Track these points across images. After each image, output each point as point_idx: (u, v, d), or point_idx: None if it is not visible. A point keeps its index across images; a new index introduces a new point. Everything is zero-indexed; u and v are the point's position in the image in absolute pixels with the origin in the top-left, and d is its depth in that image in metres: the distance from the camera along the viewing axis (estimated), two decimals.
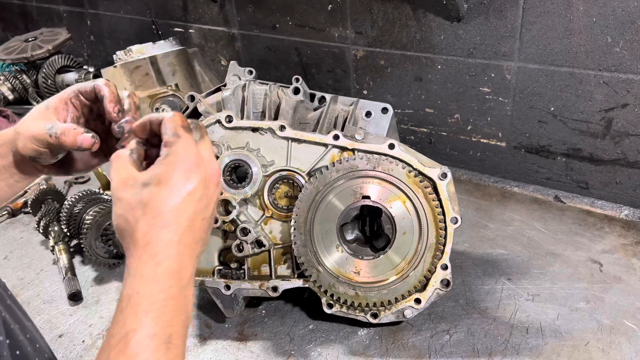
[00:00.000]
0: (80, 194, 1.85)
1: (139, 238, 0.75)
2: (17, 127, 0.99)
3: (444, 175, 1.32)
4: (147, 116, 0.86)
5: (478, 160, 2.18)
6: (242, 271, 1.44)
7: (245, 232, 1.36)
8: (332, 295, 1.37)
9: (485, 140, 2.12)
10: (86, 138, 0.93)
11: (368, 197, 1.33)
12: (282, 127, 1.36)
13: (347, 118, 1.44)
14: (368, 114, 1.48)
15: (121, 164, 0.81)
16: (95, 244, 1.72)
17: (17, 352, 0.74)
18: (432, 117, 2.21)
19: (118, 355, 0.68)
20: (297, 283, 1.41)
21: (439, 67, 2.09)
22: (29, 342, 0.80)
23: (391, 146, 1.32)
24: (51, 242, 1.81)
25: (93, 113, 1.04)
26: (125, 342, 0.68)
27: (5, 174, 1.02)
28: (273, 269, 1.43)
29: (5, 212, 2.13)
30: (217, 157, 1.37)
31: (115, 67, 2.48)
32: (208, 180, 0.80)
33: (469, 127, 2.13)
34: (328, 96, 1.53)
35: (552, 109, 1.89)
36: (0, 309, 0.69)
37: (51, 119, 0.95)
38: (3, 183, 1.02)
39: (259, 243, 1.38)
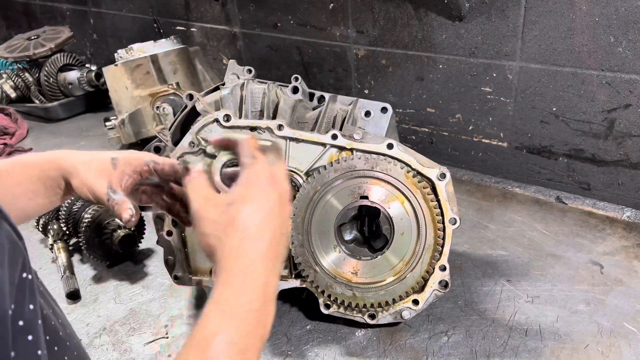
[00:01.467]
0: None
1: (232, 252, 0.80)
2: (76, 163, 1.03)
3: (443, 176, 1.30)
4: (227, 135, 0.95)
5: (479, 160, 2.16)
6: None
7: None
8: (329, 296, 1.37)
9: (486, 141, 2.11)
10: (126, 218, 1.00)
11: (366, 197, 1.32)
12: (280, 127, 1.36)
13: (345, 117, 1.43)
14: (367, 113, 1.47)
15: (199, 185, 0.87)
16: (94, 243, 1.72)
17: (47, 337, 0.75)
18: (434, 117, 2.20)
19: (196, 356, 0.71)
20: (295, 283, 1.40)
21: (441, 66, 2.08)
22: (61, 326, 0.81)
23: (390, 146, 1.31)
24: (50, 240, 1.81)
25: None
26: (205, 344, 0.72)
27: (50, 192, 1.06)
28: None
29: None
30: (215, 157, 1.37)
31: (116, 65, 2.48)
32: (283, 198, 0.86)
33: (470, 127, 2.12)
34: (327, 95, 1.52)
35: (554, 109, 1.88)
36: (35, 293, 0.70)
37: (115, 184, 1.02)
38: (46, 200, 1.06)
39: None
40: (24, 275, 0.65)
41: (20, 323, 0.63)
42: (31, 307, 0.65)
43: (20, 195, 1.02)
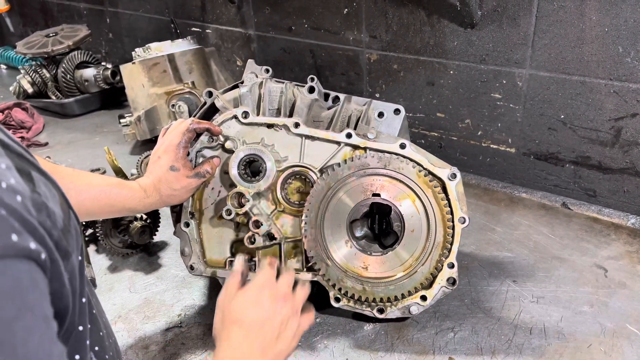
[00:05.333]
0: None
1: (225, 335, 1.01)
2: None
3: (454, 176, 1.35)
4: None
5: (487, 165, 2.20)
6: (252, 263, 1.48)
7: (258, 224, 1.40)
8: (340, 289, 1.41)
9: (495, 146, 2.15)
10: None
11: (378, 195, 1.36)
12: (297, 125, 1.40)
13: (360, 117, 1.47)
14: (380, 114, 1.52)
15: (231, 285, 1.10)
16: (110, 234, 1.77)
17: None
18: (443, 121, 2.24)
19: None
20: (307, 276, 1.44)
21: (452, 72, 2.12)
22: (95, 305, 0.86)
23: (402, 146, 1.36)
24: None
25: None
26: None
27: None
28: (283, 262, 1.46)
29: None
30: (233, 152, 1.42)
31: (133, 63, 2.54)
32: (276, 297, 1.09)
33: (479, 133, 2.16)
34: (342, 96, 1.57)
35: (562, 116, 1.92)
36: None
37: (184, 160, 1.39)
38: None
39: (270, 236, 1.42)
40: (79, 257, 0.70)
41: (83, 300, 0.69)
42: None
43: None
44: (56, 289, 0.58)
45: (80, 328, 0.70)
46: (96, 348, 0.79)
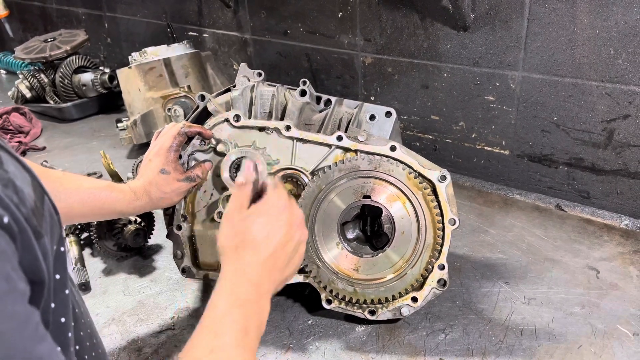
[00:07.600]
0: None
1: (236, 255, 0.96)
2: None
3: (443, 178, 1.35)
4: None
5: (482, 167, 2.21)
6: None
7: None
8: (331, 291, 1.41)
9: (489, 148, 2.16)
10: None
11: (369, 197, 1.37)
12: (288, 127, 1.41)
13: (351, 120, 1.48)
14: (372, 117, 1.53)
15: (242, 195, 1.01)
16: (105, 237, 1.78)
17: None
18: (438, 124, 2.25)
19: (207, 335, 0.84)
20: (298, 278, 1.45)
21: (445, 75, 2.13)
22: (77, 304, 0.87)
23: (392, 148, 1.37)
24: (62, 234, 1.87)
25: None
26: (213, 321, 0.87)
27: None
28: None
29: None
30: (224, 155, 1.43)
31: (130, 67, 2.55)
32: (292, 222, 1.02)
33: (473, 135, 2.17)
34: (333, 99, 1.58)
35: (555, 118, 1.93)
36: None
37: (174, 163, 1.40)
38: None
39: None
40: (60, 248, 0.70)
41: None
42: (57, 277, 0.70)
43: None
44: (29, 260, 0.57)
45: (63, 320, 0.70)
46: (77, 347, 0.79)
